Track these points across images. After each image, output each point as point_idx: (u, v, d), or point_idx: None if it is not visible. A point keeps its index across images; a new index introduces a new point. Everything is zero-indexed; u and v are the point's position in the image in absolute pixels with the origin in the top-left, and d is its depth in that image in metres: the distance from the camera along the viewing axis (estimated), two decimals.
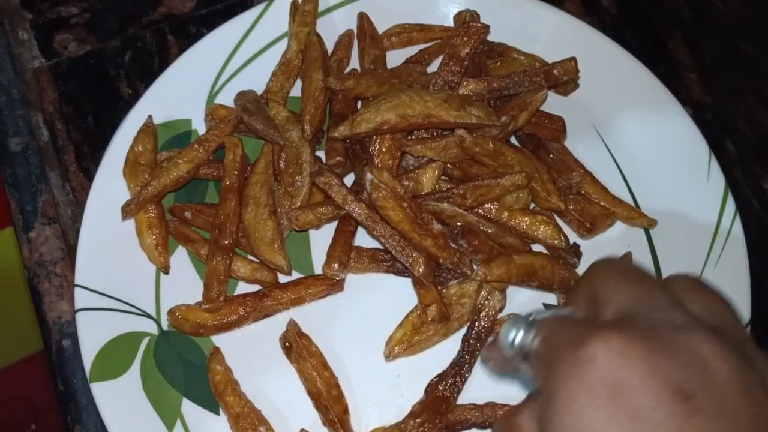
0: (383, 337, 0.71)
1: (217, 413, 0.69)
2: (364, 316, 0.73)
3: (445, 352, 0.70)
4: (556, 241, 0.71)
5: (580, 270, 0.72)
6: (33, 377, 1.28)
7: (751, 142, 0.85)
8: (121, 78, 0.83)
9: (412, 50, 0.83)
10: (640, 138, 0.80)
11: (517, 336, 0.45)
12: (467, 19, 0.78)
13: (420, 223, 0.69)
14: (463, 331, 0.71)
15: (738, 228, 0.74)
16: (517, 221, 0.71)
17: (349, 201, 0.70)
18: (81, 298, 0.69)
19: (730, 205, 0.76)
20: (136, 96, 0.78)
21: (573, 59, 0.75)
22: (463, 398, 0.68)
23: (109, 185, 0.74)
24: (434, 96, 0.71)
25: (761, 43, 0.91)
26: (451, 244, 0.70)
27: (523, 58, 0.80)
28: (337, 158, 0.73)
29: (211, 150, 0.74)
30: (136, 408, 0.67)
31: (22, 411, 1.35)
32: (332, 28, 0.83)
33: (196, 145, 0.74)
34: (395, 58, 0.83)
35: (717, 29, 0.92)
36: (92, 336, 0.69)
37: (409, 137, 0.74)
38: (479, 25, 0.74)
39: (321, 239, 0.74)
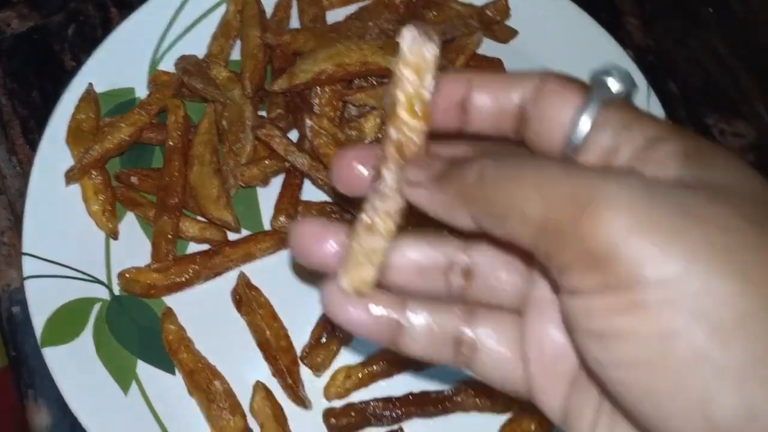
0: None
1: (173, 373, 0.69)
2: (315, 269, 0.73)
3: None
4: None
5: None
6: None
7: (695, 83, 0.86)
8: (65, 51, 0.83)
9: (352, 9, 0.84)
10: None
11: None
12: None
13: None
14: None
15: None
16: None
17: (291, 151, 0.70)
18: (29, 266, 0.69)
19: None
20: (80, 68, 0.78)
21: None
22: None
23: (54, 154, 0.74)
24: (370, 44, 0.72)
25: None
26: None
27: (460, 8, 0.81)
28: (278, 111, 0.73)
29: (152, 113, 0.74)
30: (89, 372, 0.67)
31: None
32: None
33: (137, 109, 0.74)
34: (336, 17, 0.83)
35: None
36: (42, 303, 0.68)
37: (350, 88, 0.74)
38: None
39: (269, 196, 0.74)
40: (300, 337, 0.69)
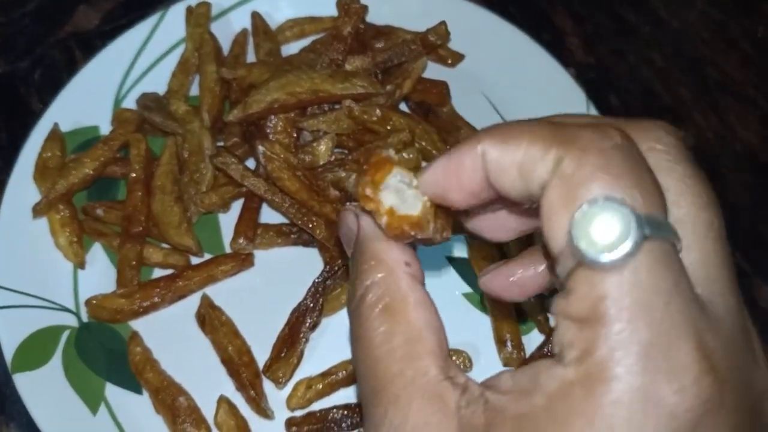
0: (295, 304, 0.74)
1: (140, 393, 0.71)
2: (276, 287, 0.76)
3: None
4: None
5: None
6: None
7: (635, 94, 0.91)
8: (32, 94, 0.87)
9: (307, 42, 0.88)
10: (525, 100, 0.85)
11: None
12: (346, 2, 0.83)
13: (317, 190, 0.73)
14: None
15: None
16: None
17: (247, 176, 0.73)
18: (0, 297, 0.72)
19: None
20: (46, 109, 0.82)
21: (443, 23, 0.80)
22: None
23: (22, 191, 0.77)
24: (320, 72, 0.76)
25: (640, 8, 0.97)
26: None
27: (408, 36, 0.85)
28: (234, 139, 0.77)
29: (115, 148, 0.78)
30: (59, 395, 0.69)
31: None
32: (229, 30, 0.88)
33: (101, 144, 0.78)
34: (291, 51, 0.87)
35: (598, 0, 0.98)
36: (12, 332, 0.71)
37: (304, 116, 0.78)
38: (358, 5, 0.80)
39: (230, 222, 0.78)
40: (262, 353, 0.71)
